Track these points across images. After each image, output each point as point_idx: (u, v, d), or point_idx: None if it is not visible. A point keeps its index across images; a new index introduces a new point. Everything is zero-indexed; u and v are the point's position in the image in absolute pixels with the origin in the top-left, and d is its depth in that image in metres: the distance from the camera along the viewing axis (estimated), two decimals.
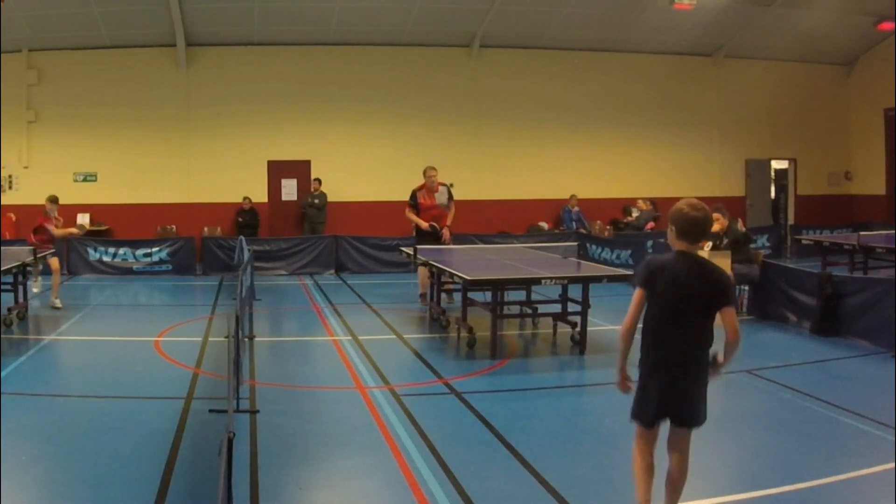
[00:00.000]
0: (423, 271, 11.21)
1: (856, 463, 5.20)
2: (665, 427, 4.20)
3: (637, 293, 4.10)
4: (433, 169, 11.60)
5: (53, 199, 12.10)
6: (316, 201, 17.60)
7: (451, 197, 11.69)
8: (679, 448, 4.18)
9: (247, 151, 17.78)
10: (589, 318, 8.82)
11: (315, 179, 17.80)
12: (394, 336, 9.67)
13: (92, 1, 15.14)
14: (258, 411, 6.34)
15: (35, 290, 11.95)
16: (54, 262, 11.89)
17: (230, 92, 17.63)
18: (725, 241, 10.40)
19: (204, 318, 10.83)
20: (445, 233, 11.58)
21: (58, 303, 11.46)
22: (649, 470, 4.21)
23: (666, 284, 3.99)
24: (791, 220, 20.50)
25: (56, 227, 12.11)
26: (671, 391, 4.02)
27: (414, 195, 11.62)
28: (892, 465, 5.10)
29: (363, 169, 18.25)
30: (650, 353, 4.08)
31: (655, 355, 4.05)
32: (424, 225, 11.49)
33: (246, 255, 10.65)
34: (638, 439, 4.22)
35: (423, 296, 11.47)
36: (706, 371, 4.04)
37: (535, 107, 18.83)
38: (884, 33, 18.75)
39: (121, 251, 15.83)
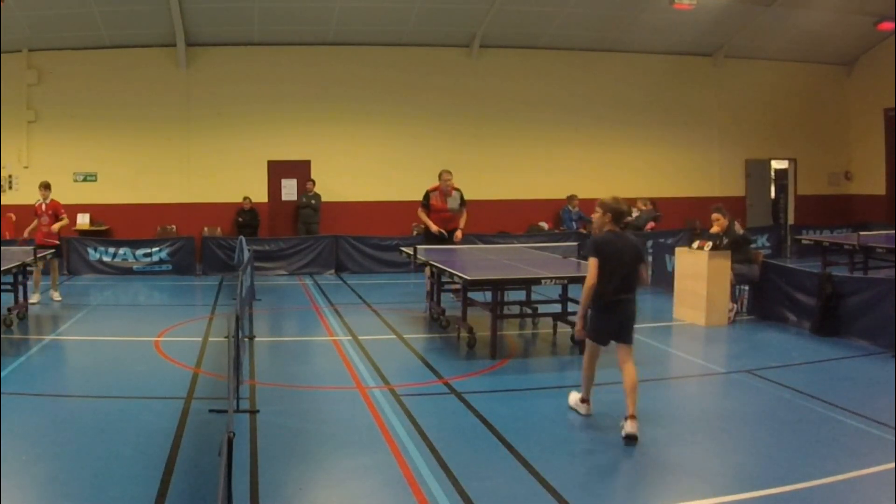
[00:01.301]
0: (429, 271, 11.25)
1: (856, 463, 5.20)
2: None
3: (593, 261, 5.93)
4: (448, 173, 11.56)
5: (45, 185, 12.23)
6: (313, 202, 17.61)
7: (463, 202, 11.66)
8: (628, 359, 5.97)
9: (247, 151, 17.77)
10: None
11: (309, 180, 17.80)
12: (394, 336, 9.67)
13: (92, 1, 15.13)
14: (258, 411, 6.34)
15: (34, 300, 11.49)
16: (54, 262, 11.99)
17: (230, 92, 17.62)
18: (725, 241, 10.40)
19: (204, 318, 10.83)
20: (458, 234, 11.59)
21: (57, 295, 11.53)
22: (593, 376, 6.30)
23: (610, 253, 5.92)
24: (791, 220, 20.49)
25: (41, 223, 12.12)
26: (619, 322, 6.00)
27: (427, 196, 11.60)
28: (892, 465, 5.11)
29: (363, 169, 18.24)
30: (602, 298, 5.95)
31: (606, 299, 5.94)
32: (434, 228, 11.48)
33: (246, 255, 10.65)
34: (590, 353, 6.24)
35: (430, 293, 11.54)
36: (636, 305, 6.12)
37: (535, 107, 18.83)
38: (884, 33, 18.75)
39: (121, 251, 15.84)
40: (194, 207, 17.62)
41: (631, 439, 5.59)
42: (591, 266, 5.90)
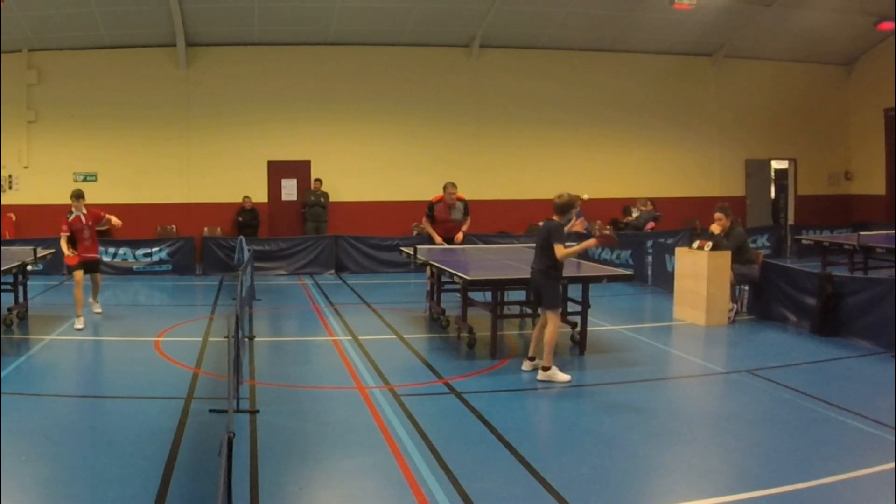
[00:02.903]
0: (430, 271, 11.29)
1: (856, 463, 5.20)
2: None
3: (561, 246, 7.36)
4: (453, 186, 11.57)
5: (78, 195, 10.71)
6: (322, 199, 17.62)
7: (467, 212, 11.70)
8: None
9: (247, 151, 17.78)
10: (589, 318, 8.83)
11: (316, 179, 17.81)
12: (394, 336, 9.67)
13: (92, 1, 15.14)
14: (258, 411, 6.34)
15: (79, 326, 9.90)
16: (97, 276, 11.13)
17: (230, 92, 17.63)
18: (726, 242, 10.39)
19: (204, 318, 10.83)
20: (459, 235, 11.69)
21: (98, 307, 11.03)
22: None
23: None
24: (791, 220, 20.49)
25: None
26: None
27: (431, 207, 11.61)
28: (892, 465, 5.10)
29: (363, 169, 18.25)
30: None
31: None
32: (438, 240, 11.57)
33: (246, 255, 10.65)
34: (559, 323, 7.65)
35: (430, 293, 11.58)
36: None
37: (535, 107, 18.83)
38: (884, 33, 18.75)
39: (121, 251, 15.83)
40: (194, 207, 17.62)
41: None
42: (568, 249, 7.51)
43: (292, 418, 6.28)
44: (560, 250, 7.35)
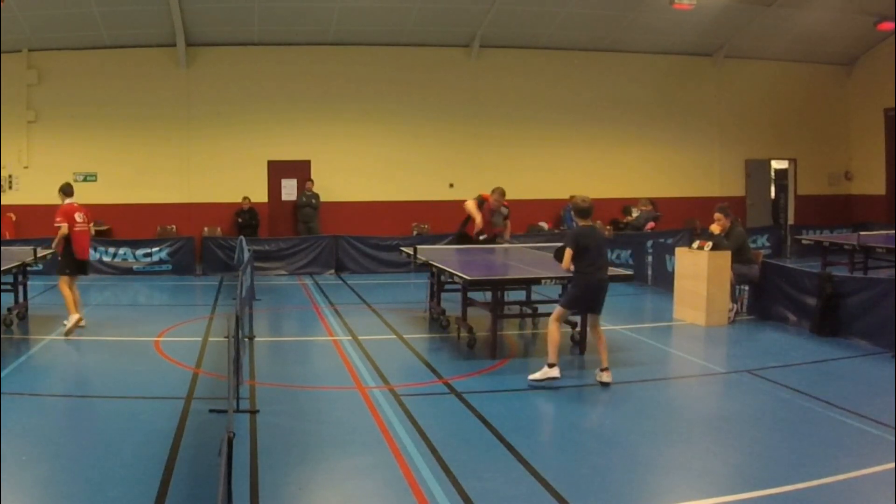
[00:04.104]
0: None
1: (856, 463, 5.21)
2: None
3: (569, 251, 7.21)
4: (502, 195, 11.22)
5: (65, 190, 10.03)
6: (313, 201, 17.62)
7: (507, 216, 11.52)
8: (597, 327, 7.50)
9: (247, 151, 17.77)
10: None
11: (308, 180, 17.79)
12: (394, 336, 9.67)
13: (92, 1, 15.14)
14: (258, 411, 6.34)
15: (81, 323, 9.66)
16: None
17: (230, 92, 17.62)
18: (726, 242, 10.38)
19: (204, 318, 10.83)
20: (507, 234, 11.65)
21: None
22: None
23: (588, 242, 7.26)
24: (791, 220, 20.48)
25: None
26: (594, 297, 7.36)
27: (482, 202, 11.32)
28: (892, 465, 5.11)
29: (363, 169, 18.25)
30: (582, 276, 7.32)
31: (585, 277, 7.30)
32: (479, 226, 11.13)
33: (246, 255, 10.65)
34: (560, 320, 7.49)
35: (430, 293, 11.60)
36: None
37: (534, 107, 18.83)
38: (884, 33, 18.74)
39: (121, 251, 15.83)
40: (194, 207, 17.62)
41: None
42: (568, 254, 7.27)
43: (292, 418, 6.28)
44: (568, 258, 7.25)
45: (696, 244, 10.53)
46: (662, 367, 8.26)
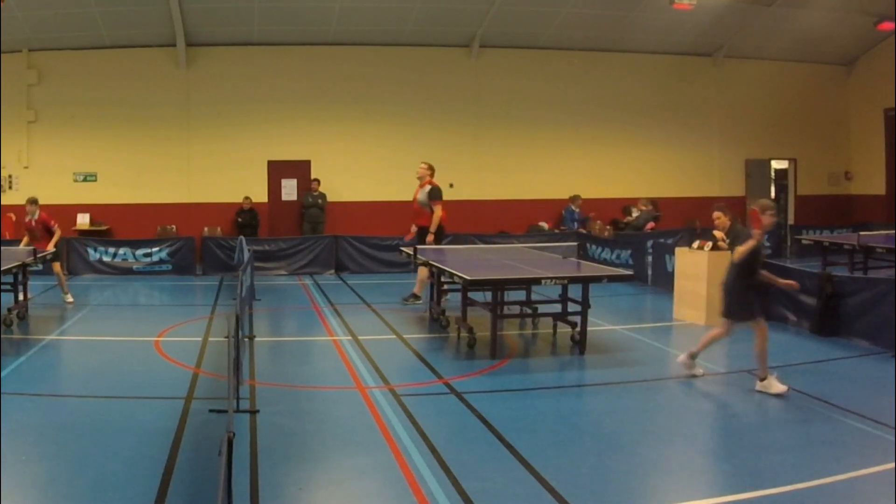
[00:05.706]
0: (422, 271, 11.34)
1: (856, 463, 5.20)
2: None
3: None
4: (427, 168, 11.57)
5: (32, 201, 12.28)
6: (319, 201, 17.62)
7: (434, 198, 11.74)
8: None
9: (247, 151, 17.78)
10: (589, 318, 8.82)
11: (314, 179, 17.81)
12: (394, 336, 9.67)
13: (92, 1, 15.14)
14: (258, 411, 6.34)
15: (70, 300, 11.91)
16: (56, 266, 12.08)
17: (230, 92, 17.62)
18: (727, 241, 10.37)
19: (204, 318, 10.83)
20: (432, 226, 11.75)
21: (69, 298, 11.76)
22: None
23: None
24: (791, 220, 20.48)
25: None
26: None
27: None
28: (892, 465, 5.11)
29: (363, 169, 18.24)
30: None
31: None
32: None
33: (246, 255, 10.65)
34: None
35: (414, 295, 11.78)
36: None
37: (535, 107, 18.83)
38: (884, 33, 18.74)
39: (121, 251, 15.83)
40: (194, 207, 17.62)
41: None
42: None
43: (292, 418, 6.28)
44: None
45: (696, 244, 10.53)
46: (662, 367, 8.25)
